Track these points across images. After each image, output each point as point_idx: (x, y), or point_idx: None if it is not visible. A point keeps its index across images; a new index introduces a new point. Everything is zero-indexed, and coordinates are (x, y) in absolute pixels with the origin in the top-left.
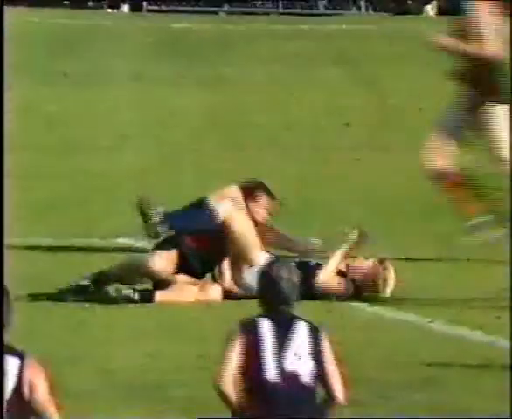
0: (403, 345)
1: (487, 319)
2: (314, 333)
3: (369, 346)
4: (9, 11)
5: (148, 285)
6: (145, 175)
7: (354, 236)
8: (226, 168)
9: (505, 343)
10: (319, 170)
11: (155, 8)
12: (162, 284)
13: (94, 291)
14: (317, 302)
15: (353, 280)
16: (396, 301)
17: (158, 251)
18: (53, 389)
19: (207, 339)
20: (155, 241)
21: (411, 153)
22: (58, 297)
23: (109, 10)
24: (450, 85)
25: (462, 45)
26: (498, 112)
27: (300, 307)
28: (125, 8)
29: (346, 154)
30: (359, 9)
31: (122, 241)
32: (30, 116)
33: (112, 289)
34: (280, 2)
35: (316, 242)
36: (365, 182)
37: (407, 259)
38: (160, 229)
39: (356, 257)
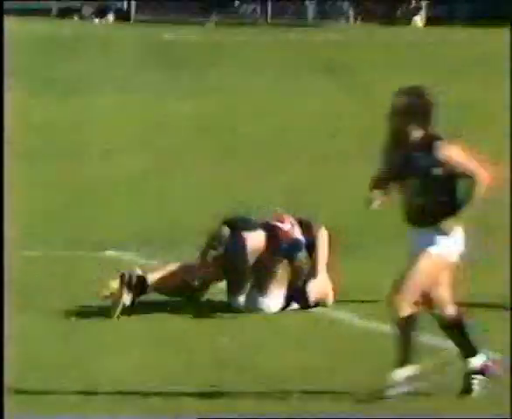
0: (389, 356)
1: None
2: None
3: (355, 358)
4: None
5: None
6: (133, 185)
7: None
8: (215, 177)
9: (493, 356)
10: (309, 178)
11: (143, 17)
12: None
13: None
14: (305, 313)
15: None
16: (382, 312)
17: None
18: None
19: (194, 349)
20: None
21: None
22: (47, 306)
23: (96, 20)
24: (439, 93)
25: None
26: None
27: (286, 319)
28: (110, 17)
29: (336, 162)
30: (347, 19)
31: (110, 253)
32: (17, 124)
33: None
34: (269, 12)
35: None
36: (356, 190)
37: (396, 270)
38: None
39: None
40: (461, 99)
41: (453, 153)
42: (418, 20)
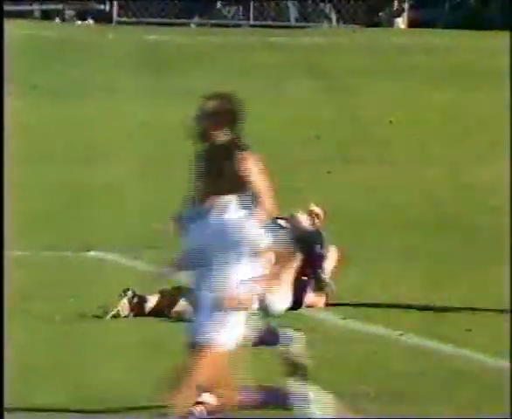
0: (373, 358)
1: (458, 332)
2: None
3: (340, 360)
4: None
5: None
6: (118, 189)
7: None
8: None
9: (476, 356)
10: (291, 182)
11: (125, 19)
12: None
13: None
14: (289, 316)
15: None
16: (367, 314)
17: None
18: None
19: (182, 353)
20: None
21: (382, 166)
22: (33, 310)
23: (79, 22)
24: (421, 97)
25: None
26: None
27: (271, 321)
28: (90, 20)
29: (317, 166)
30: (330, 21)
31: (93, 254)
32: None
33: None
34: (251, 13)
35: None
36: (336, 194)
37: (378, 272)
38: None
39: None
40: (443, 104)
41: (249, 167)
42: (400, 22)
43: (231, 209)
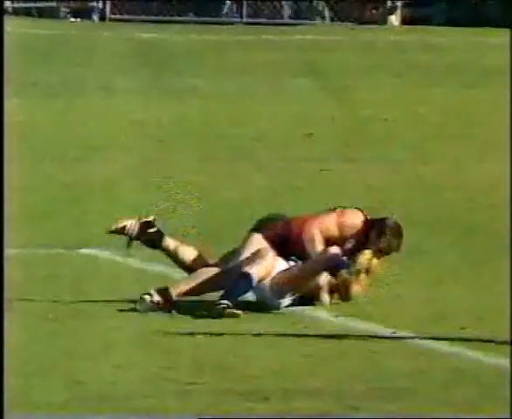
0: (371, 356)
1: (457, 330)
2: None
3: (337, 358)
4: None
5: None
6: (113, 187)
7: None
8: (194, 180)
9: (475, 354)
10: (288, 181)
11: (119, 17)
12: None
13: None
14: (282, 313)
15: None
16: (364, 312)
17: None
18: None
19: (176, 350)
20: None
21: (379, 164)
22: (26, 308)
23: (72, 20)
24: (420, 95)
25: None
26: None
27: (265, 319)
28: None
29: (315, 165)
30: (323, 18)
31: (86, 252)
32: None
33: None
34: (245, 11)
35: None
36: (334, 193)
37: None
38: None
39: None
40: (442, 101)
41: None
42: (394, 19)
43: None
